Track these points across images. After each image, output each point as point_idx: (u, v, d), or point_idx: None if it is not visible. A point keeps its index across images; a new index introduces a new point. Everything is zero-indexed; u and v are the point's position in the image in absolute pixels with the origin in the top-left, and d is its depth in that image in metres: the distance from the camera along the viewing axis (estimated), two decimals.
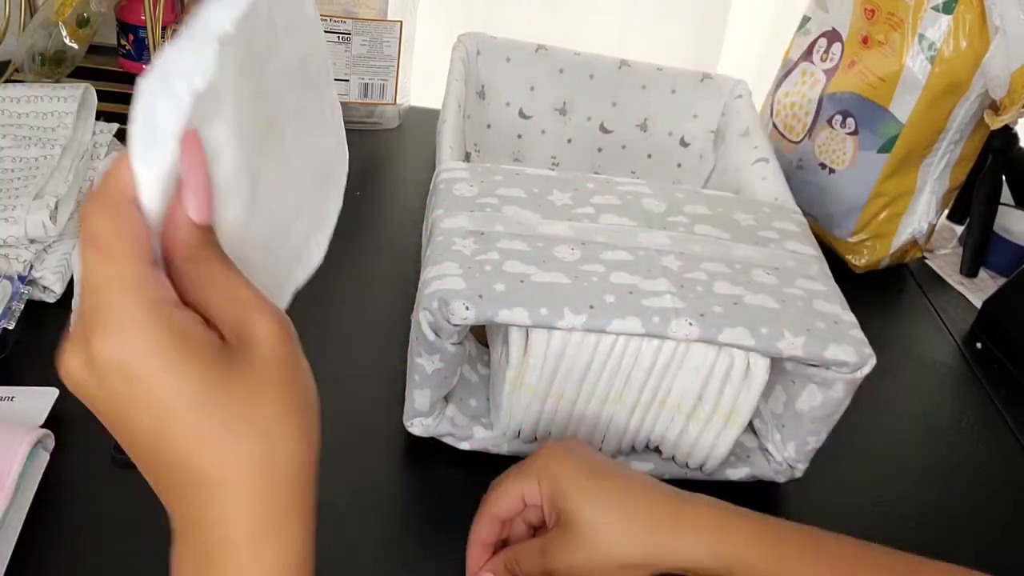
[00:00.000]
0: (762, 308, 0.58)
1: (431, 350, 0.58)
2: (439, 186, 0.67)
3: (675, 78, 0.97)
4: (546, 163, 1.00)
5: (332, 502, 0.61)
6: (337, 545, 0.58)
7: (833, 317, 0.60)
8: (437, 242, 0.61)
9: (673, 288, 0.58)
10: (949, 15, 0.85)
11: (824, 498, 0.68)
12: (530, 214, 0.65)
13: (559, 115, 0.98)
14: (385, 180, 1.00)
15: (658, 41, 1.26)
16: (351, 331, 0.76)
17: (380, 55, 1.02)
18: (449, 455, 0.65)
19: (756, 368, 0.58)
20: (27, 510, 0.55)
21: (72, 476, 0.59)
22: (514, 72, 0.96)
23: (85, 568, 0.54)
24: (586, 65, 0.96)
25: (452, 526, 0.60)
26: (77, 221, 0.77)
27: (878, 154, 0.92)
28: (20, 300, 0.68)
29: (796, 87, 1.01)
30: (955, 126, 0.89)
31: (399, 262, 0.86)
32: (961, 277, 1.01)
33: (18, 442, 0.55)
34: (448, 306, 0.56)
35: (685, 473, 0.66)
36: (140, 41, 1.03)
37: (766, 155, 0.84)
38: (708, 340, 0.56)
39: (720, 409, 0.60)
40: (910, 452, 0.74)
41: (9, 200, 0.73)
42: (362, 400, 0.69)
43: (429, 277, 0.58)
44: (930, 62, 0.86)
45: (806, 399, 0.61)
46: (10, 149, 0.79)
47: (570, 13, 1.24)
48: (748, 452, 0.67)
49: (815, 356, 0.57)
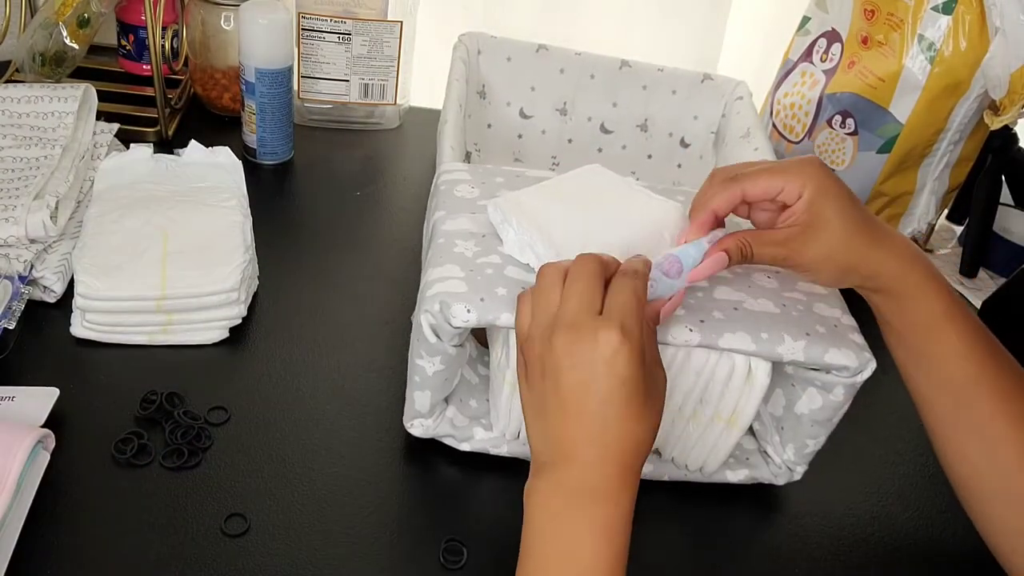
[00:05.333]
0: (762, 313, 0.58)
1: (432, 352, 0.58)
2: (440, 187, 0.67)
3: (676, 79, 0.97)
4: (546, 163, 1.00)
5: (332, 502, 0.61)
6: (337, 545, 0.58)
7: (833, 321, 0.60)
8: (438, 244, 0.61)
9: None
10: (949, 15, 0.85)
11: (823, 500, 0.68)
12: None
13: (560, 115, 0.98)
14: (385, 180, 1.00)
15: (658, 41, 1.26)
16: (351, 331, 0.76)
17: (380, 55, 1.02)
18: (449, 456, 0.65)
19: (758, 372, 0.58)
20: (27, 510, 0.55)
21: (72, 476, 0.59)
22: (515, 72, 0.96)
23: (85, 568, 0.54)
24: (587, 65, 0.96)
25: (452, 526, 0.61)
26: (76, 221, 0.78)
27: (878, 154, 0.92)
28: (20, 300, 0.68)
29: (796, 87, 1.01)
30: (955, 126, 0.89)
31: (399, 262, 0.86)
32: (960, 277, 1.01)
33: (18, 442, 0.55)
34: (449, 309, 0.56)
35: (684, 475, 0.66)
36: (140, 41, 1.03)
37: (767, 156, 0.84)
38: (708, 346, 0.57)
39: (721, 412, 0.60)
40: (909, 454, 0.74)
41: (9, 200, 0.73)
42: (362, 400, 0.69)
43: (431, 279, 0.58)
44: (930, 62, 0.86)
45: (806, 402, 0.62)
46: (10, 149, 0.79)
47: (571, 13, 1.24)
48: (747, 454, 0.67)
49: (815, 360, 0.57)
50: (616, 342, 0.47)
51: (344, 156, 1.03)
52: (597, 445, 0.47)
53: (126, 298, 0.68)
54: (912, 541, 0.67)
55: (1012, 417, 0.55)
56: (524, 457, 0.64)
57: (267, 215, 0.86)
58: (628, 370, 0.47)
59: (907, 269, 0.56)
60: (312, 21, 0.99)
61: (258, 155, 0.97)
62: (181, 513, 0.58)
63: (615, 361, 0.47)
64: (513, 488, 0.52)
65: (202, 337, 0.71)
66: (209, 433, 0.64)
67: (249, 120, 0.95)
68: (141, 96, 1.01)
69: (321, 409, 0.68)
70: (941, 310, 0.56)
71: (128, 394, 0.65)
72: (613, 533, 0.47)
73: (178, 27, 1.03)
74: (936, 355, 0.57)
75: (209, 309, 0.71)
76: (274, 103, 0.93)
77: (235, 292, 0.71)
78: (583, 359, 0.47)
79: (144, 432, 0.63)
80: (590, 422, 0.47)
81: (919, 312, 0.57)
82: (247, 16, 0.90)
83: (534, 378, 0.50)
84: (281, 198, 0.94)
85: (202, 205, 0.77)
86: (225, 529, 0.57)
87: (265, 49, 0.91)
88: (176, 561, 0.55)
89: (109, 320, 0.69)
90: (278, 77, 0.92)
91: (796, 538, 0.65)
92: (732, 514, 0.66)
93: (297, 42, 0.99)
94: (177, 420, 0.64)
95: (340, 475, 0.63)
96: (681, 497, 0.66)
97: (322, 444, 0.65)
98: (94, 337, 0.69)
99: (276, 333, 0.74)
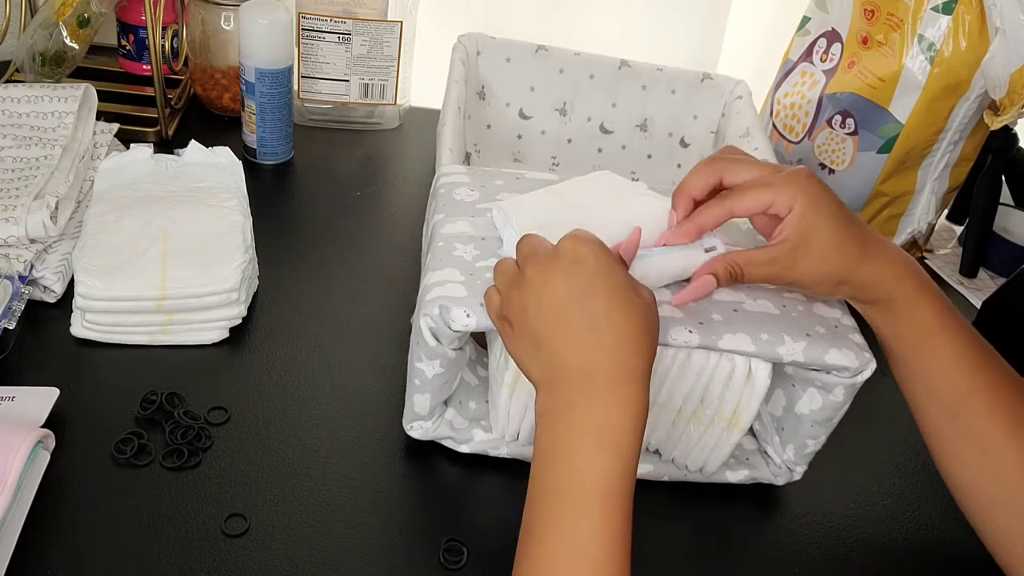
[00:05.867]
0: (762, 314, 0.58)
1: (431, 355, 0.58)
2: (439, 190, 0.67)
3: (675, 79, 0.96)
4: (546, 164, 1.00)
5: (332, 502, 0.61)
6: (337, 545, 0.58)
7: (833, 321, 0.60)
8: (438, 247, 0.61)
9: (672, 297, 0.58)
10: (949, 16, 0.85)
11: (822, 500, 0.68)
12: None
13: (559, 115, 0.98)
14: (385, 180, 1.00)
15: (658, 41, 1.26)
16: (351, 331, 0.76)
17: (380, 55, 1.02)
18: (449, 456, 0.65)
19: (758, 373, 0.58)
20: (28, 510, 0.55)
21: (72, 476, 0.59)
22: (514, 72, 0.96)
23: (85, 568, 0.54)
24: (586, 65, 0.96)
25: (452, 527, 0.61)
26: (76, 221, 0.78)
27: (878, 154, 0.92)
28: (20, 300, 0.68)
29: (796, 87, 1.01)
30: (955, 126, 0.89)
31: (399, 262, 0.86)
32: (960, 277, 1.01)
33: (19, 442, 0.55)
34: (449, 313, 0.56)
35: (684, 475, 0.66)
36: (140, 41, 1.03)
37: (766, 156, 0.84)
38: (708, 347, 0.57)
39: (722, 413, 0.60)
40: (909, 455, 0.74)
41: (9, 200, 0.73)
42: (362, 400, 0.69)
43: (430, 283, 0.58)
44: (930, 62, 0.86)
45: (806, 403, 0.62)
46: (10, 149, 0.79)
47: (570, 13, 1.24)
48: (747, 454, 0.67)
49: (816, 361, 0.57)
50: (574, 243, 0.49)
51: (344, 156, 1.03)
52: (591, 342, 0.48)
53: (126, 298, 0.69)
54: (912, 541, 0.67)
55: (1008, 425, 0.55)
56: (524, 458, 0.64)
57: (267, 215, 0.86)
58: (597, 263, 0.48)
59: (899, 280, 0.56)
60: (312, 21, 0.99)
61: (258, 155, 0.97)
62: (181, 513, 0.58)
63: (579, 258, 0.48)
64: (513, 488, 0.52)
65: (202, 337, 0.71)
66: (209, 433, 0.64)
67: (249, 120, 0.95)
68: (141, 96, 1.01)
69: (321, 409, 0.68)
70: (934, 321, 0.57)
71: (128, 394, 0.65)
72: (619, 439, 0.46)
73: (178, 27, 1.03)
74: (930, 366, 0.57)
75: (209, 309, 0.71)
76: (274, 103, 0.93)
77: (235, 292, 0.71)
78: (551, 273, 0.49)
79: (144, 432, 0.63)
80: (578, 327, 0.48)
81: (912, 324, 0.57)
82: (247, 16, 0.90)
83: (519, 327, 0.51)
84: (281, 198, 0.94)
85: (202, 205, 0.77)
86: (225, 529, 0.58)
87: (265, 49, 0.91)
88: (176, 561, 0.55)
89: (109, 320, 0.69)
90: (278, 77, 0.92)
91: (796, 538, 0.65)
92: (732, 514, 0.66)
93: (297, 42, 1.00)
94: (177, 420, 0.64)
95: (340, 475, 0.63)
96: (681, 497, 0.66)
97: (322, 444, 0.65)
98: (94, 337, 0.69)
99: (276, 333, 0.74)
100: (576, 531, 0.45)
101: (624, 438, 0.46)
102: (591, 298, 0.48)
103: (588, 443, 0.46)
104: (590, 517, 0.45)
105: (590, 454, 0.46)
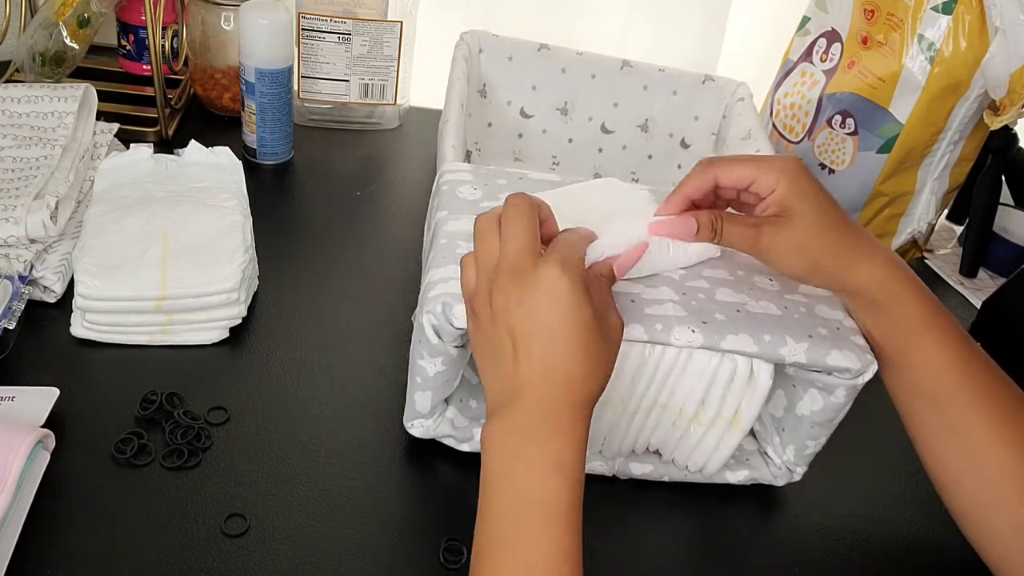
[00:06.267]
0: (764, 315, 0.58)
1: (433, 353, 0.58)
2: (442, 188, 0.67)
3: (677, 79, 0.96)
4: (547, 163, 1.00)
5: (332, 502, 0.61)
6: (337, 545, 0.58)
7: (835, 323, 0.60)
8: (440, 245, 0.61)
9: (675, 296, 0.58)
10: (949, 16, 0.85)
11: (822, 500, 0.68)
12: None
13: (560, 115, 0.98)
14: (385, 180, 1.00)
15: (658, 41, 1.26)
16: (351, 331, 0.76)
17: (380, 55, 1.02)
18: (449, 456, 0.65)
19: (760, 373, 0.58)
20: (27, 510, 0.55)
21: (72, 476, 0.59)
22: (516, 71, 0.96)
23: (85, 568, 0.54)
24: (588, 65, 0.96)
25: (452, 527, 0.60)
26: (76, 221, 0.78)
27: (878, 154, 0.92)
28: (20, 300, 0.68)
29: (796, 87, 1.01)
30: (955, 126, 0.89)
31: (399, 262, 0.86)
32: (960, 277, 1.01)
33: (19, 442, 0.55)
34: (451, 310, 0.56)
35: (685, 476, 0.66)
36: (140, 41, 1.03)
37: None
38: (710, 347, 0.57)
39: (723, 413, 0.60)
40: (909, 455, 0.74)
41: (9, 200, 0.73)
42: (362, 400, 0.69)
43: (433, 280, 0.58)
44: (930, 62, 0.86)
45: (807, 403, 0.61)
46: (10, 149, 0.79)
47: (572, 13, 1.24)
48: (747, 455, 0.67)
49: (817, 362, 0.57)
50: (555, 275, 0.48)
51: (344, 156, 1.03)
52: (547, 383, 0.48)
53: (126, 298, 0.68)
54: (912, 541, 0.67)
55: (993, 424, 0.55)
56: None
57: (267, 215, 0.85)
58: (571, 303, 0.48)
59: (885, 278, 0.57)
60: (312, 21, 0.99)
61: (258, 155, 0.97)
62: (181, 513, 0.58)
63: (557, 295, 0.48)
64: None
65: (202, 337, 0.71)
66: (209, 433, 0.64)
67: (249, 120, 0.95)
68: (141, 96, 1.01)
69: (321, 409, 0.68)
70: (919, 319, 0.57)
71: (128, 394, 0.65)
72: (568, 469, 0.48)
73: (178, 27, 1.03)
74: (914, 365, 0.57)
75: (209, 309, 0.71)
76: (274, 103, 0.93)
77: (235, 292, 0.71)
78: (527, 296, 0.49)
79: (144, 432, 0.63)
80: (539, 359, 0.48)
81: (896, 322, 0.57)
82: (247, 16, 0.90)
83: (485, 326, 0.51)
84: (281, 198, 0.94)
85: (202, 205, 0.77)
86: (225, 529, 0.57)
87: (265, 49, 0.91)
88: (176, 561, 0.55)
89: (109, 320, 0.69)
90: (278, 77, 0.92)
91: (796, 538, 0.65)
92: (732, 514, 0.66)
93: (297, 42, 0.99)
94: (177, 420, 0.64)
95: (340, 475, 0.63)
96: (681, 497, 0.66)
97: (322, 444, 0.65)
98: (94, 337, 0.69)
99: (276, 333, 0.74)
100: (529, 554, 0.46)
101: (573, 466, 0.48)
102: (555, 339, 0.48)
103: (540, 471, 0.47)
104: (543, 540, 0.46)
105: (543, 482, 0.47)
